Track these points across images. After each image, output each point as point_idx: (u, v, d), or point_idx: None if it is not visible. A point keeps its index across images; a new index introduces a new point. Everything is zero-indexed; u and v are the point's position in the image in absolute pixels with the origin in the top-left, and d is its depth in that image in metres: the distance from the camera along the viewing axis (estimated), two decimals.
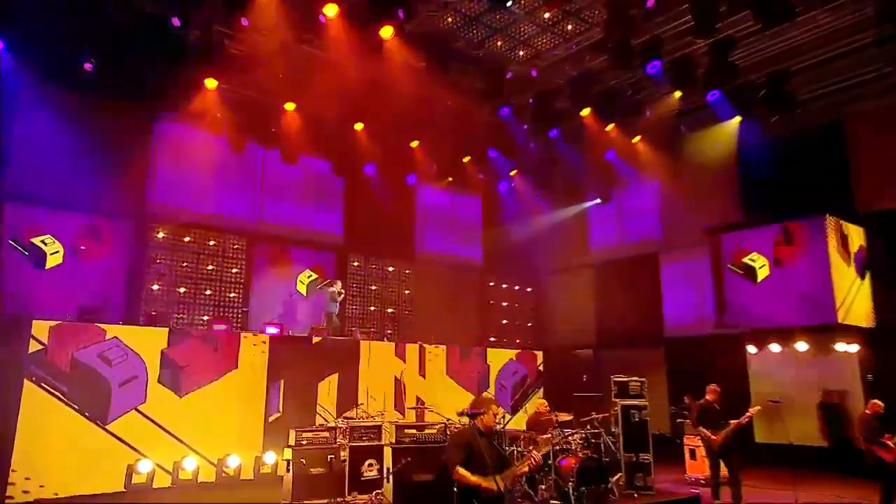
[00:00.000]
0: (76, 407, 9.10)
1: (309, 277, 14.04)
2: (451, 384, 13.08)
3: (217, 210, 13.02)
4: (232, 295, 13.17)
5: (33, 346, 8.91)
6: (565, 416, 9.52)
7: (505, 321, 17.27)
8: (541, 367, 14.74)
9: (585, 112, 12.12)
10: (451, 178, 15.11)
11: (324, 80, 11.11)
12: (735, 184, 13.36)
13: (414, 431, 7.90)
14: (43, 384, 8.92)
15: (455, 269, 16.19)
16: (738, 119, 12.46)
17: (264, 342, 10.91)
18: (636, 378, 9.35)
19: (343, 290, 13.02)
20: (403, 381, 12.23)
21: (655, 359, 14.60)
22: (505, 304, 17.39)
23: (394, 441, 7.94)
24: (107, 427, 9.31)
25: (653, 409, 9.51)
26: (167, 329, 10.04)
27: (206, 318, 12.55)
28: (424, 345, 12.85)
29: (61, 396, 9.00)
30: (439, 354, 12.98)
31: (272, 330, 11.36)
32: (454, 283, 16.07)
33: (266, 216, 13.73)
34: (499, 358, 14.14)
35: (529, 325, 17.58)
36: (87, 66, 10.47)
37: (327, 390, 11.28)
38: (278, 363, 10.78)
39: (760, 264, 12.61)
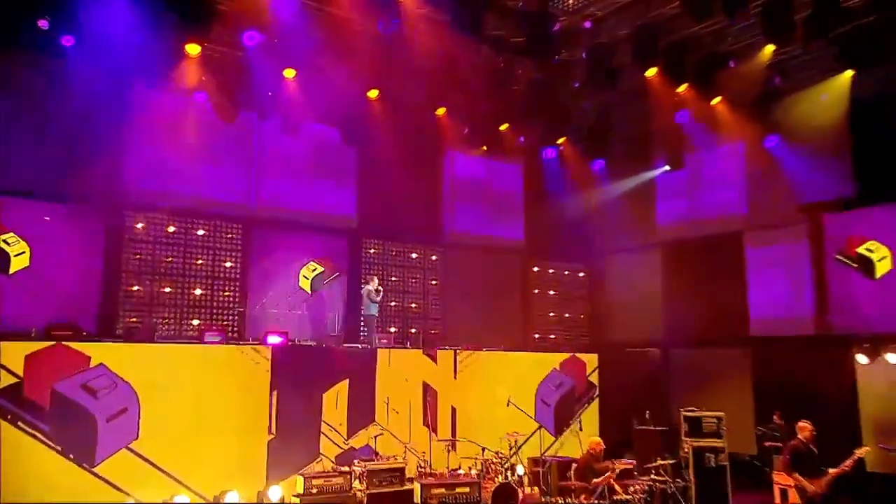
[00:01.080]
0: (59, 448, 9.13)
1: (313, 271, 13.88)
2: (490, 391, 13.13)
3: (206, 193, 12.93)
4: (226, 294, 13.15)
5: (6, 379, 8.91)
6: (624, 465, 9.22)
7: (552, 314, 17.11)
8: (592, 378, 14.64)
9: (651, 72, 11.65)
10: (485, 147, 14.81)
11: (330, 36, 10.92)
12: (845, 151, 12.62)
13: (443, 491, 7.71)
14: (19, 423, 8.94)
15: (492, 253, 16.07)
16: (849, 73, 11.84)
17: (266, 358, 11.03)
18: (712, 414, 9.06)
19: (381, 288, 13.10)
20: (432, 389, 12.42)
21: (738, 362, 14.18)
22: (552, 292, 17.23)
23: None
24: (94, 470, 9.37)
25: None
26: (156, 345, 10.20)
27: (196, 322, 12.56)
28: (456, 349, 13.03)
29: (41, 437, 9.03)
30: (479, 358, 13.19)
31: (275, 339, 11.45)
32: (491, 270, 16.00)
33: (264, 198, 13.65)
34: (541, 365, 14.15)
35: (582, 316, 17.42)
36: (42, 22, 10.25)
37: (335, 402, 11.40)
38: (284, 379, 10.89)
39: (880, 256, 12.03)
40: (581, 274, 17.67)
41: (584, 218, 16.46)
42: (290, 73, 12.00)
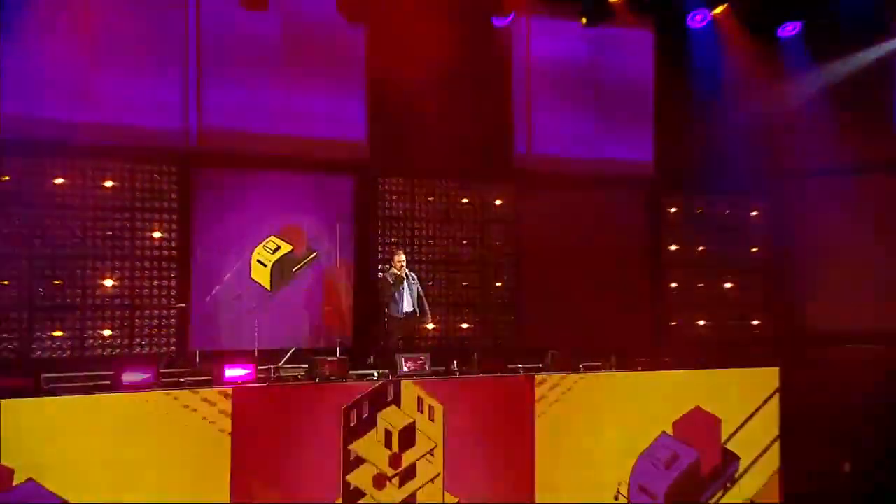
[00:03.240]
0: None
1: (275, 252, 13.30)
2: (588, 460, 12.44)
3: (113, 118, 12.34)
4: (154, 284, 12.45)
5: None
6: None
7: (701, 284, 15.73)
8: (741, 441, 13.43)
9: None
10: (585, 20, 14.30)
11: None
12: None
13: None
14: None
15: (598, 188, 15.23)
16: None
17: (225, 412, 10.42)
18: None
19: (411, 275, 12.67)
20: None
21: None
22: (702, 248, 15.84)
23: None
24: None
25: None
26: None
27: (101, 348, 12.04)
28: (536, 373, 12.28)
29: None
30: (575, 386, 12.40)
31: (237, 373, 10.84)
32: (596, 218, 15.05)
33: (211, 118, 13.07)
34: (687, 392, 13.10)
35: (753, 291, 15.95)
36: None
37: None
38: (257, 448, 10.55)
39: None
40: (754, 213, 16.30)
41: (759, 122, 15.55)
42: None
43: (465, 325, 14.14)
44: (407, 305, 12.49)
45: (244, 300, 12.97)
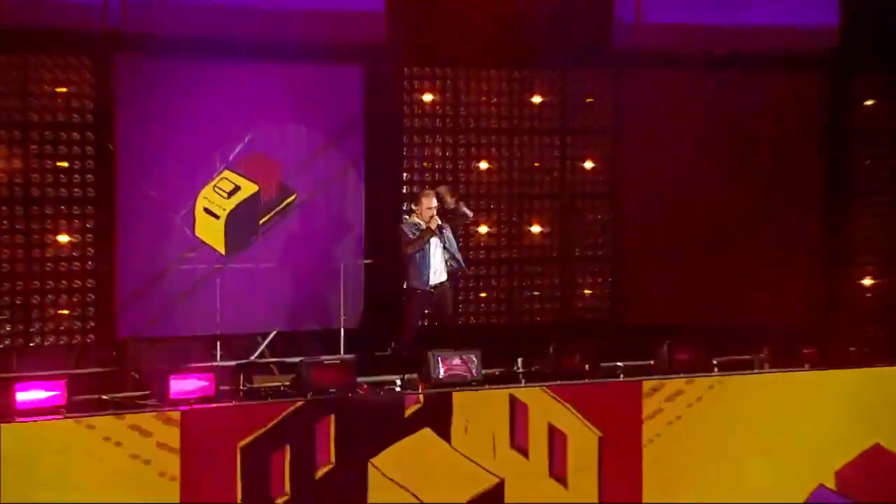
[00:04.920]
0: None
1: (230, 197, 12.87)
2: None
3: None
4: (58, 240, 11.85)
5: None
6: None
7: None
8: None
9: None
10: None
11: None
12: None
13: None
14: None
15: (743, 73, 14.42)
16: None
17: (172, 447, 9.62)
18: None
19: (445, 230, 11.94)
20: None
21: None
22: None
23: None
24: None
25: None
26: None
27: None
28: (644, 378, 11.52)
29: None
30: (709, 395, 11.65)
31: (186, 386, 10.11)
32: (739, 121, 14.26)
33: None
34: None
35: None
36: None
37: None
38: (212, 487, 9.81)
39: None
40: None
41: None
42: None
43: (532, 298, 13.43)
44: (436, 273, 11.67)
45: (196, 263, 12.51)
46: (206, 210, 12.52)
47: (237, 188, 12.68)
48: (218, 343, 11.47)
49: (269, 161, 12.85)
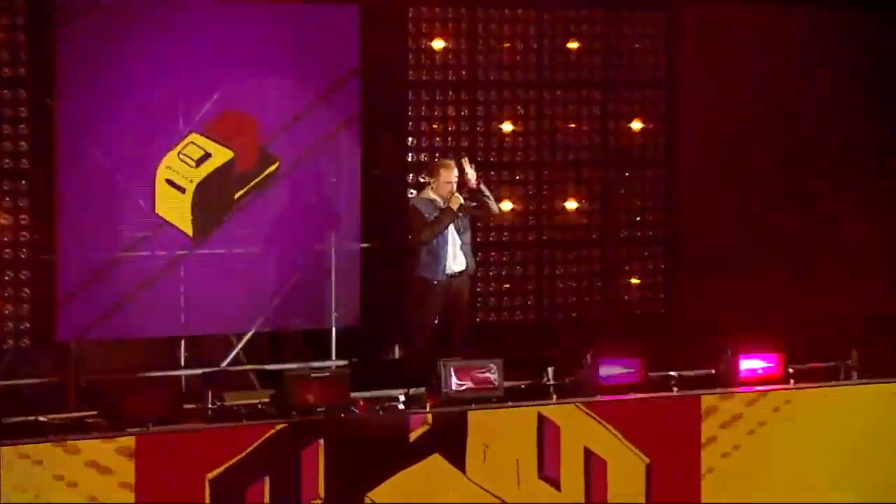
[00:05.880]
0: None
1: (201, 161, 12.66)
2: None
3: None
4: None
5: None
6: None
7: None
8: None
9: None
10: None
11: None
12: None
13: None
14: None
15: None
16: None
17: (126, 484, 9.27)
18: None
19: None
20: None
21: None
22: None
23: None
24: None
25: None
26: None
27: None
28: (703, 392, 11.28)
29: None
30: (779, 413, 11.39)
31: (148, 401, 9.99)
32: (826, 67, 14.21)
33: None
34: None
35: None
36: None
37: None
38: None
39: None
40: None
41: None
42: None
43: (567, 290, 13.14)
44: (455, 259, 11.33)
45: (156, 247, 12.11)
46: (169, 181, 12.16)
47: (207, 155, 12.33)
48: (182, 346, 11.35)
49: (245, 121, 12.48)
